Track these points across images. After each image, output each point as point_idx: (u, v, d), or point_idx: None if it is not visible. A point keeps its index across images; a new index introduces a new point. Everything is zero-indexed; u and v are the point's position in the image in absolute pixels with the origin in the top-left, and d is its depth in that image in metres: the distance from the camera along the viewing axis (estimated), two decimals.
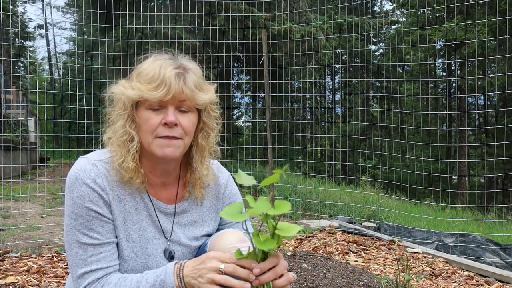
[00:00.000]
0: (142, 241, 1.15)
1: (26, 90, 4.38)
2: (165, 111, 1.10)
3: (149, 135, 1.11)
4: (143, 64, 1.15)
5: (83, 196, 1.07)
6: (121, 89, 1.12)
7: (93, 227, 1.07)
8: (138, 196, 1.16)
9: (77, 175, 1.08)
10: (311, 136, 19.56)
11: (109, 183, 1.11)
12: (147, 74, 1.10)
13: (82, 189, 1.07)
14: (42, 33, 30.62)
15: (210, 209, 1.30)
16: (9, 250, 3.22)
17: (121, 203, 1.13)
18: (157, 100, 1.08)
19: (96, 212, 1.08)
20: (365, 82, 16.48)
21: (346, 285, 2.30)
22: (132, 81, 1.12)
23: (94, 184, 1.08)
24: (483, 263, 3.20)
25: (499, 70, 14.84)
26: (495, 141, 6.46)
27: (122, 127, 1.12)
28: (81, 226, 1.07)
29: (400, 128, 17.73)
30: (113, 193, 1.11)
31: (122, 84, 1.15)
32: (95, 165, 1.11)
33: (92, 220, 1.07)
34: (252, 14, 8.16)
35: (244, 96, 18.38)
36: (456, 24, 12.49)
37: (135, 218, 1.15)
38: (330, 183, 9.55)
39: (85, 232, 1.07)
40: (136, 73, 1.14)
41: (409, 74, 17.55)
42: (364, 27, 14.08)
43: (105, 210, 1.09)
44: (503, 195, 12.13)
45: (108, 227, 1.10)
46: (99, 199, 1.08)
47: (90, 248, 1.07)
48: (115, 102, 1.15)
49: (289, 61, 10.52)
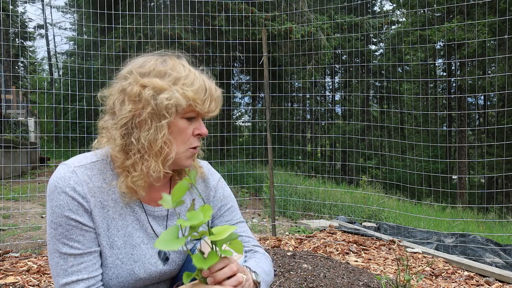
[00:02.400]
0: (127, 247, 1.12)
1: (26, 90, 4.37)
2: (195, 121, 1.10)
3: (183, 145, 1.09)
4: (174, 68, 1.08)
5: (62, 205, 1.04)
6: (175, 94, 1.04)
7: (73, 236, 1.05)
8: (122, 201, 1.13)
9: (56, 183, 1.05)
10: (311, 136, 19.58)
11: (90, 190, 1.07)
12: (192, 83, 1.06)
13: (61, 198, 1.04)
14: (42, 33, 30.66)
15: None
16: (9, 250, 3.22)
17: (103, 209, 1.09)
18: (196, 111, 1.07)
19: (76, 221, 1.05)
20: (365, 82, 16.47)
21: (346, 285, 2.30)
22: (176, 85, 1.05)
23: (73, 193, 1.05)
24: (483, 263, 3.20)
25: (499, 70, 14.83)
26: (495, 141, 6.46)
27: (164, 136, 1.05)
28: (61, 236, 1.04)
29: (400, 128, 17.75)
30: (95, 200, 1.08)
31: (162, 86, 1.05)
32: (75, 172, 1.07)
33: (72, 230, 1.04)
34: (252, 14, 8.16)
35: (244, 96, 18.38)
36: (456, 24, 12.49)
37: (119, 224, 1.12)
38: (330, 183, 9.56)
39: (65, 241, 1.04)
40: (172, 77, 1.06)
41: (409, 74, 17.55)
42: (364, 27, 14.09)
43: (86, 219, 1.06)
44: (503, 195, 12.13)
45: (89, 236, 1.07)
46: (79, 208, 1.05)
47: (70, 258, 1.04)
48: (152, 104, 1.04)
49: (289, 61, 10.52)
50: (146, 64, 1.10)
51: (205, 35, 10.96)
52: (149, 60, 1.11)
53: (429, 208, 9.19)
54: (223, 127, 12.08)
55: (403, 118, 21.50)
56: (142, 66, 1.10)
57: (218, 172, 1.39)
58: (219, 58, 11.54)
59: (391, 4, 22.41)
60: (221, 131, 12.67)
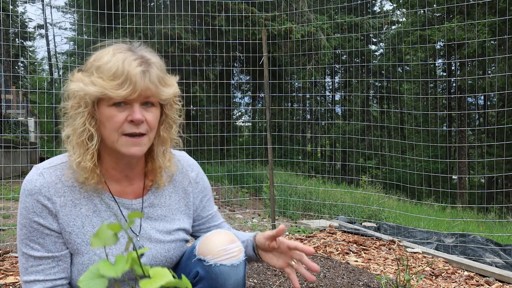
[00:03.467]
0: None
1: (26, 90, 4.36)
2: (129, 107, 1.06)
3: (114, 133, 1.07)
4: (102, 56, 1.07)
5: (27, 207, 1.07)
6: (80, 85, 1.05)
7: (34, 238, 1.08)
8: (96, 198, 1.13)
9: (25, 186, 1.08)
10: (311, 136, 19.57)
11: (57, 190, 1.09)
12: (109, 69, 1.03)
13: (27, 201, 1.07)
14: (42, 33, 30.61)
15: (180, 202, 1.27)
16: (9, 250, 3.22)
17: (76, 207, 1.10)
18: (122, 98, 1.04)
19: (38, 224, 1.07)
20: (365, 82, 16.48)
21: (346, 285, 2.30)
22: (92, 76, 1.05)
23: (38, 195, 1.07)
24: (483, 263, 3.20)
25: (499, 70, 14.83)
26: (495, 141, 6.46)
27: (82, 125, 1.06)
28: (24, 237, 1.08)
29: (400, 128, 17.74)
30: (65, 199, 1.09)
31: (80, 78, 1.07)
32: (42, 175, 1.09)
33: (34, 232, 1.07)
34: (252, 14, 8.16)
35: (244, 96, 18.39)
36: (456, 24, 12.49)
37: (94, 221, 1.12)
38: (330, 183, 9.55)
39: (27, 243, 1.08)
40: (94, 66, 1.07)
41: (409, 74, 17.55)
42: (364, 27, 14.09)
43: (49, 221, 1.08)
44: (503, 195, 12.13)
45: (49, 239, 1.08)
46: (43, 210, 1.07)
47: (30, 259, 1.08)
48: (73, 98, 1.08)
49: (289, 61, 10.52)
50: (89, 59, 1.12)
51: (205, 35, 10.96)
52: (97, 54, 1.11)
53: (429, 208, 9.20)
54: (223, 127, 12.07)
55: (403, 118, 21.50)
56: (86, 63, 1.12)
57: (218, 172, 1.41)
58: (219, 58, 11.53)
59: (391, 4, 22.42)
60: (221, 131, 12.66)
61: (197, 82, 9.33)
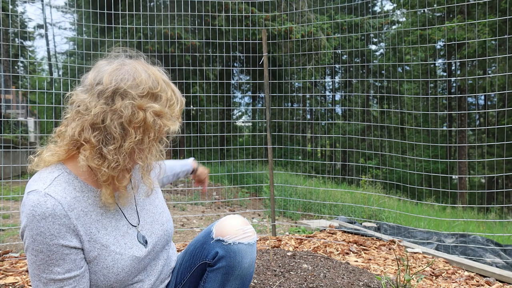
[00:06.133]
0: (119, 239, 1.15)
1: (25, 90, 4.35)
2: None
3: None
4: (163, 88, 1.14)
5: (43, 232, 1.02)
6: (171, 121, 1.14)
7: (54, 261, 1.04)
8: (97, 199, 1.14)
9: (34, 212, 1.02)
10: (311, 136, 19.57)
11: (69, 205, 1.06)
12: (176, 103, 1.16)
13: (41, 225, 1.02)
14: (42, 33, 30.65)
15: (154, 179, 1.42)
16: (9, 250, 3.22)
17: (87, 215, 1.10)
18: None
19: (57, 245, 1.04)
20: (365, 82, 16.48)
21: (346, 285, 2.30)
22: (167, 108, 1.14)
23: (53, 217, 1.03)
24: (483, 263, 3.20)
25: (500, 70, 14.83)
26: (496, 141, 6.46)
27: (155, 157, 1.16)
28: (41, 262, 1.04)
29: (400, 128, 17.75)
30: (77, 211, 1.08)
31: (163, 111, 1.12)
32: (48, 195, 1.04)
33: (53, 255, 1.04)
34: (252, 14, 8.16)
35: (244, 96, 18.40)
36: (457, 24, 12.49)
37: (105, 222, 1.14)
38: (331, 183, 9.56)
39: (46, 267, 1.04)
40: (164, 100, 1.13)
41: (409, 74, 17.56)
42: (364, 27, 14.09)
43: (69, 238, 1.05)
44: (503, 195, 12.13)
45: (69, 258, 1.06)
46: (61, 228, 1.04)
47: (50, 283, 1.05)
48: (154, 129, 1.11)
49: (289, 61, 10.52)
50: (141, 84, 1.09)
51: (205, 35, 10.96)
52: (139, 76, 1.10)
53: (430, 208, 9.20)
54: (223, 127, 12.07)
55: (403, 118, 21.51)
56: (138, 86, 1.09)
57: (218, 172, 1.47)
58: (219, 58, 11.53)
59: (391, 4, 22.42)
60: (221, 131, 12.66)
61: (197, 82, 9.33)
